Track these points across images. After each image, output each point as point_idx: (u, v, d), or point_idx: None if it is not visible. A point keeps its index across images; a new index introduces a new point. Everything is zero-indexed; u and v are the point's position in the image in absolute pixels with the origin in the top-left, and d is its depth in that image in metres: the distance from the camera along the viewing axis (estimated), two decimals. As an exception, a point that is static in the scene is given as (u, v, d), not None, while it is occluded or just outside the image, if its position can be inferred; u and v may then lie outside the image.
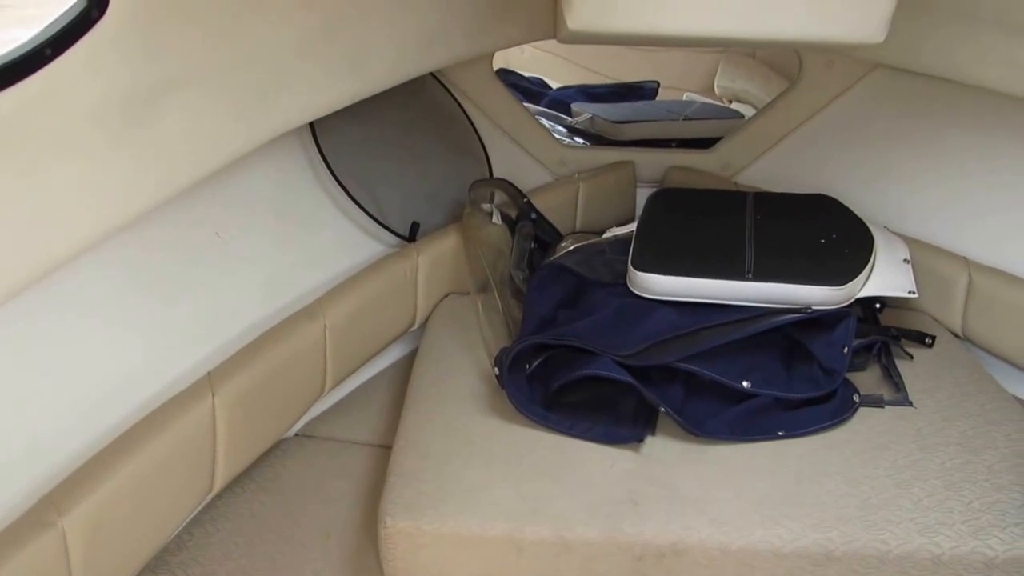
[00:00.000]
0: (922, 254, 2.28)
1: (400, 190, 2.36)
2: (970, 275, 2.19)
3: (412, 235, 2.34)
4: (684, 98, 4.15)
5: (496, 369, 1.94)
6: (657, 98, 4.09)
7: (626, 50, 4.37)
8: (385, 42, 1.90)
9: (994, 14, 1.93)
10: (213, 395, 1.63)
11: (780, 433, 1.81)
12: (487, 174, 2.63)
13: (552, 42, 4.53)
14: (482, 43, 2.34)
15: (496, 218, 2.44)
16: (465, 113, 2.63)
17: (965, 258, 2.23)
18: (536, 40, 2.44)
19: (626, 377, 1.83)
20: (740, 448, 1.79)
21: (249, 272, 1.93)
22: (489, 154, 2.66)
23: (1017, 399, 2.02)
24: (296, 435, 2.06)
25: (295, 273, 2.05)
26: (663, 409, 1.80)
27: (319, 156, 2.11)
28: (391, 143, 2.38)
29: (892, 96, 2.53)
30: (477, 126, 2.65)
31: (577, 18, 1.68)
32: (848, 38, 1.70)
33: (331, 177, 2.13)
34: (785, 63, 3.85)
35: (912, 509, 1.60)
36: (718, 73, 4.46)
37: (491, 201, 2.50)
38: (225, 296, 1.86)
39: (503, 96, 2.75)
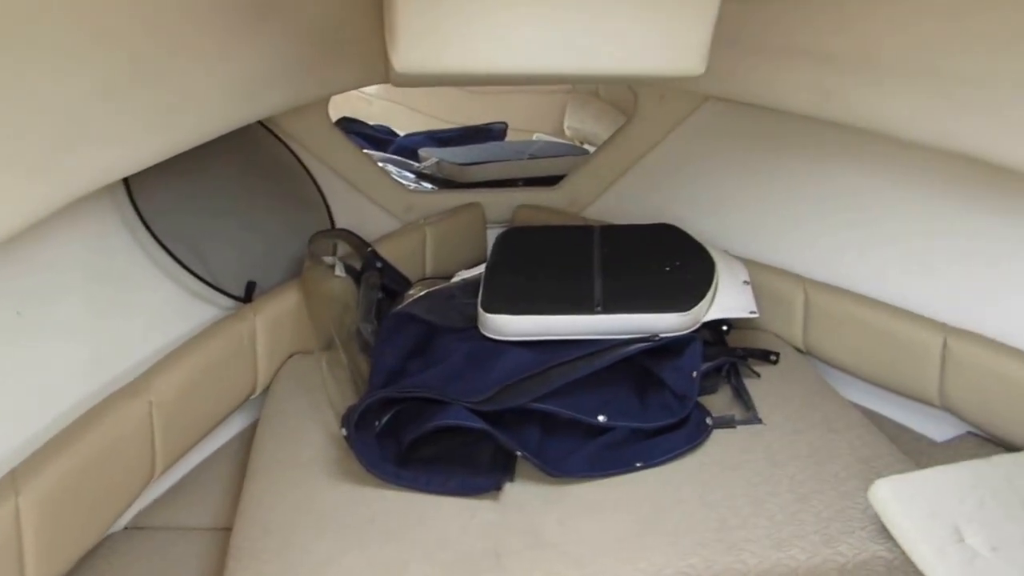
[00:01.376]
0: (761, 275, 2.35)
1: (232, 248, 2.22)
2: (806, 292, 2.28)
3: (248, 295, 2.20)
4: (534, 138, 4.20)
5: (344, 429, 1.83)
6: (507, 140, 4.12)
7: (476, 97, 4.41)
8: (204, 89, 1.78)
9: (804, 45, 2.04)
10: (17, 496, 1.43)
11: (638, 464, 1.78)
12: (328, 225, 2.53)
13: (402, 93, 4.56)
14: (313, 89, 2.25)
15: (339, 270, 2.34)
16: (301, 163, 2.54)
17: (800, 276, 2.32)
18: (370, 84, 2.38)
19: (479, 424, 1.77)
20: (600, 484, 1.75)
21: (62, 350, 1.74)
22: (330, 204, 2.57)
23: (857, 406, 2.10)
24: (125, 528, 1.86)
25: (117, 348, 1.87)
26: (520, 453, 1.75)
27: (136, 216, 1.95)
28: (220, 198, 2.25)
29: (724, 126, 2.63)
30: (315, 176, 2.56)
31: (403, 59, 1.64)
32: (669, 71, 1.74)
33: (151, 238, 1.98)
34: (628, 102, 3.97)
35: (768, 526, 1.61)
36: (567, 114, 4.56)
37: (334, 253, 2.40)
38: (33, 381, 1.66)
39: (342, 144, 2.67)
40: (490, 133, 4.02)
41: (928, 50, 1.75)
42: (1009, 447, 1.91)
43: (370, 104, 4.55)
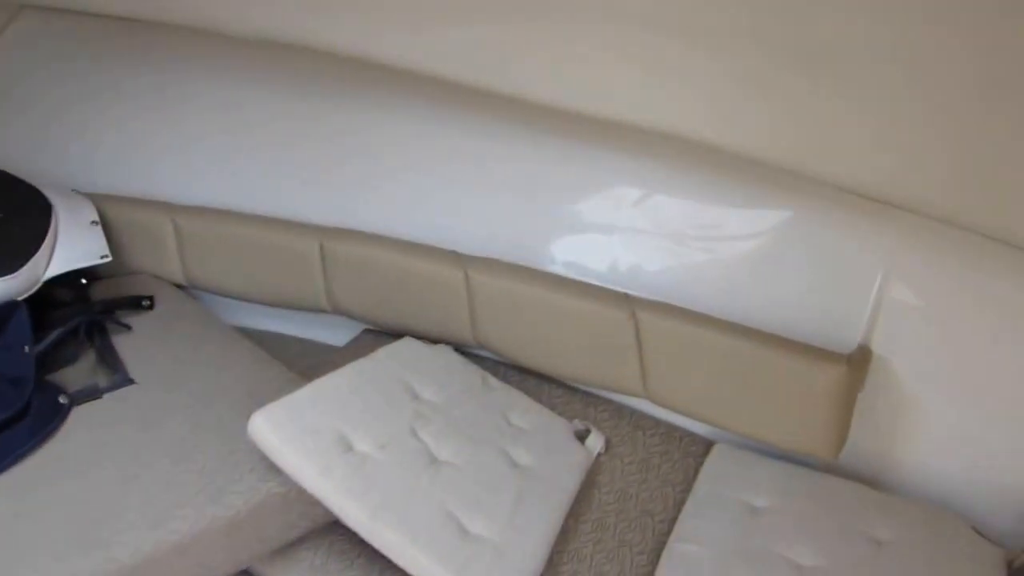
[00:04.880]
0: (121, 209, 2.03)
1: None
2: (174, 220, 2.02)
3: None
4: None
5: None
6: None
7: None
8: None
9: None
10: None
11: (-32, 481, 1.38)
12: None
13: None
14: None
15: None
16: None
17: (166, 202, 2.06)
18: None
19: None
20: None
21: None
22: None
23: (258, 332, 1.96)
24: None
25: None
26: None
27: None
28: None
29: (50, 40, 2.17)
30: None
31: None
32: None
33: None
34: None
35: (141, 506, 1.37)
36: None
37: None
38: None
39: None
40: None
41: None
42: (401, 335, 1.95)
43: None
